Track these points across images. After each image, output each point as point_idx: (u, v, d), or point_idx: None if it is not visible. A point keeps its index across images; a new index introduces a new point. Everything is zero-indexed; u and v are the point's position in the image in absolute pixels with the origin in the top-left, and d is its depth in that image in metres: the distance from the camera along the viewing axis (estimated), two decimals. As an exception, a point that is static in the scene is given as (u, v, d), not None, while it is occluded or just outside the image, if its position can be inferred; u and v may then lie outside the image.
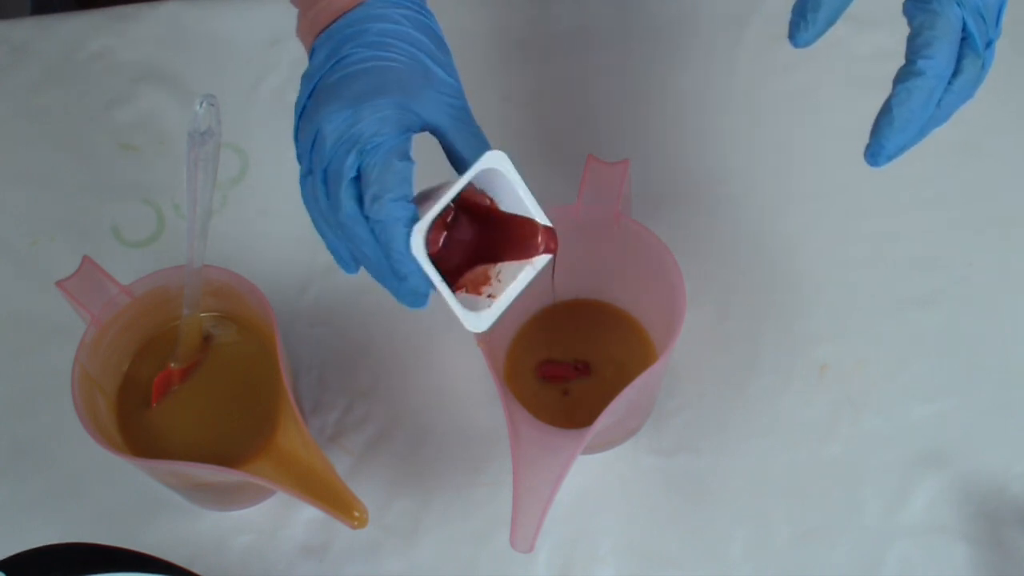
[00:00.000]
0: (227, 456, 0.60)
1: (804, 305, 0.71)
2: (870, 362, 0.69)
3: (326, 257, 0.73)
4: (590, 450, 0.66)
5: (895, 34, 0.78)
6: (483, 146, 0.54)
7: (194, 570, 0.60)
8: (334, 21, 0.55)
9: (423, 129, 0.53)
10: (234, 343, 0.66)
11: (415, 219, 0.50)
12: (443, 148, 0.54)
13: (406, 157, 0.52)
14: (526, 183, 0.53)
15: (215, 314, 0.66)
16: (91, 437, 0.58)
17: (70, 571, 0.56)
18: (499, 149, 0.69)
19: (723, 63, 0.78)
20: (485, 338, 0.59)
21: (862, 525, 0.65)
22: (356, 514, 0.57)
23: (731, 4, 0.80)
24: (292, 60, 0.79)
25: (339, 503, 0.57)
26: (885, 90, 0.77)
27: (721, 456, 0.67)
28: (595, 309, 0.69)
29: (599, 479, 0.67)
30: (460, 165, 0.54)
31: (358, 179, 0.52)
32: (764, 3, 0.79)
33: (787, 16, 0.55)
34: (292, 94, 0.77)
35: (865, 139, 0.76)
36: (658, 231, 0.61)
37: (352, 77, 0.53)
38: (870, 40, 0.78)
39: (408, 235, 0.50)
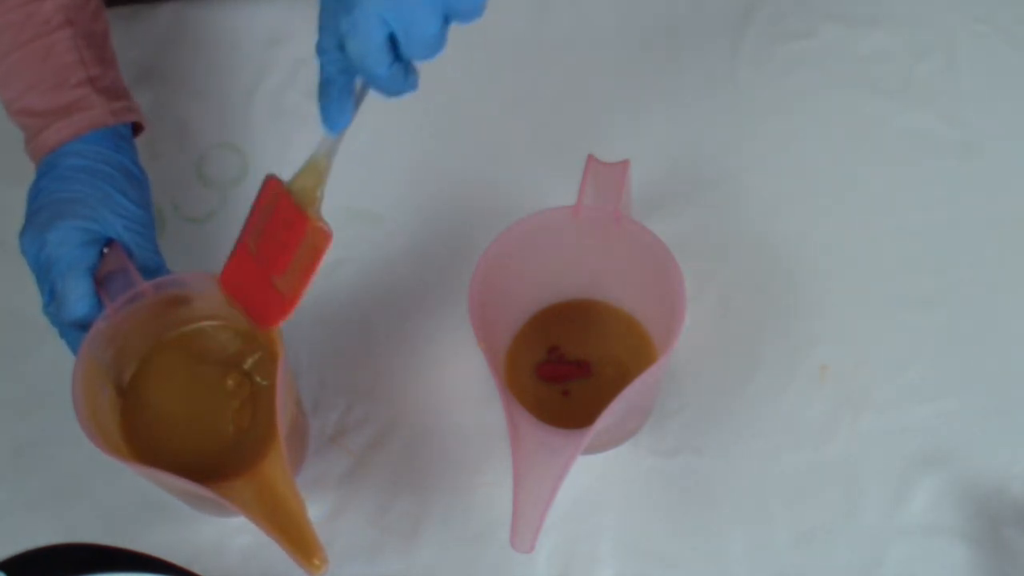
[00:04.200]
0: (215, 467, 0.61)
1: (804, 305, 0.71)
2: (870, 362, 0.69)
3: (326, 257, 0.73)
4: (590, 450, 0.66)
5: (895, 34, 0.78)
6: (158, 259, 0.65)
7: (194, 570, 0.60)
8: (43, 157, 0.65)
9: (107, 240, 0.63)
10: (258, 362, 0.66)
11: (85, 327, 0.61)
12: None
13: (86, 271, 0.61)
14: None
15: (221, 323, 0.66)
16: (80, 425, 0.58)
17: (70, 571, 0.56)
18: (500, 150, 0.70)
19: (723, 63, 0.78)
20: (485, 338, 0.59)
21: (862, 525, 0.65)
22: (316, 562, 0.56)
23: (731, 4, 0.80)
24: (292, 60, 0.79)
25: (302, 545, 0.56)
26: (885, 90, 0.77)
27: (721, 456, 0.67)
28: (595, 309, 0.69)
29: (599, 479, 0.67)
30: (143, 271, 0.63)
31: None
32: (764, 3, 0.79)
33: (788, 15, 0.55)
34: (292, 94, 0.78)
35: (865, 139, 0.76)
36: (658, 231, 0.61)
37: (42, 208, 0.63)
38: (870, 40, 0.78)
39: (78, 343, 0.60)
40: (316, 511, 0.58)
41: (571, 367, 0.67)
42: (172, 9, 0.80)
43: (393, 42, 0.52)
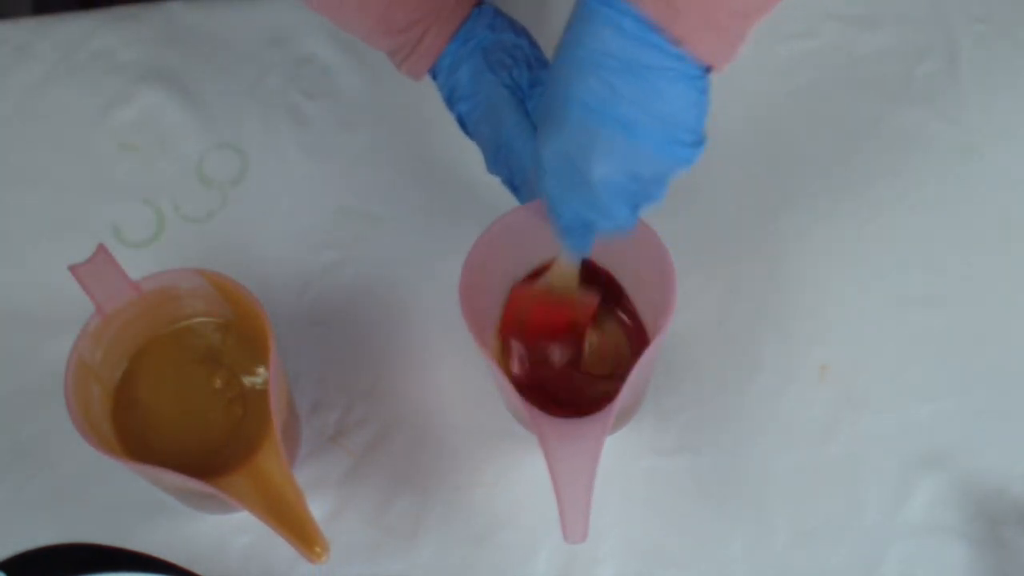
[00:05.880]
0: (209, 464, 0.61)
1: (804, 305, 0.71)
2: (870, 362, 0.69)
3: (326, 257, 0.73)
4: None
5: (895, 34, 0.78)
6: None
7: (194, 570, 0.60)
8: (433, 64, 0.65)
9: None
10: (241, 357, 0.66)
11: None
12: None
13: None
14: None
15: (210, 319, 0.66)
16: (74, 425, 0.58)
17: (70, 571, 0.56)
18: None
19: (723, 63, 0.78)
20: (486, 341, 0.60)
21: (862, 525, 0.65)
22: (317, 549, 0.57)
23: (731, 4, 0.79)
24: (292, 60, 0.79)
25: (302, 535, 0.57)
26: (885, 90, 0.77)
27: (721, 456, 0.67)
28: None
29: (599, 479, 0.67)
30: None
31: None
32: (764, 3, 0.79)
33: (788, 15, 0.55)
34: (292, 94, 0.78)
35: (865, 140, 0.76)
36: (658, 231, 0.61)
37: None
38: (870, 40, 0.78)
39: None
40: (316, 511, 0.58)
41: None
42: (172, 9, 0.80)
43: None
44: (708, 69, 0.54)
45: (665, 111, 0.53)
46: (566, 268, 0.63)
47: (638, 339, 0.66)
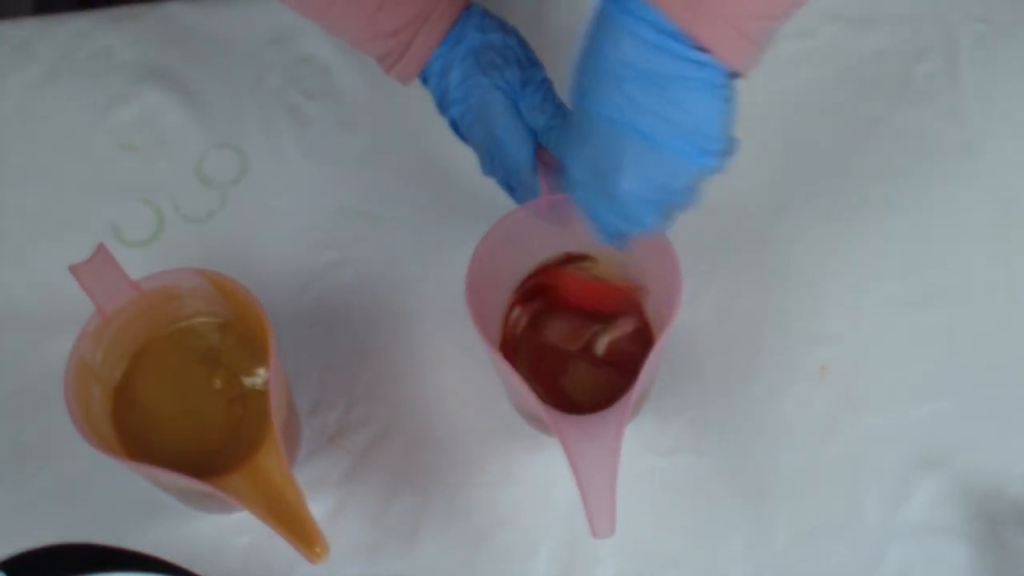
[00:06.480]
0: (209, 464, 0.61)
1: (804, 305, 0.71)
2: (870, 362, 0.69)
3: (326, 257, 0.73)
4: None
5: (895, 34, 0.79)
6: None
7: (194, 570, 0.60)
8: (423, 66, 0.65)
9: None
10: (241, 357, 0.66)
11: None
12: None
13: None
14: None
15: (211, 319, 0.66)
16: (74, 425, 0.58)
17: (70, 571, 0.56)
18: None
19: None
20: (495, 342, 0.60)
21: (862, 525, 0.65)
22: (317, 549, 0.57)
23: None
24: (292, 60, 0.79)
25: (302, 534, 0.57)
26: (885, 90, 0.77)
27: (721, 456, 0.67)
28: None
29: (599, 479, 0.67)
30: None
31: None
32: (764, 3, 0.79)
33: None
34: (292, 94, 0.78)
35: (865, 139, 0.76)
36: (658, 231, 0.61)
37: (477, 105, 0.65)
38: (870, 40, 0.78)
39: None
40: (316, 511, 0.58)
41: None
42: (172, 9, 0.80)
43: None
44: (733, 75, 0.53)
45: (688, 121, 0.53)
46: (610, 253, 0.64)
47: (645, 333, 0.67)
